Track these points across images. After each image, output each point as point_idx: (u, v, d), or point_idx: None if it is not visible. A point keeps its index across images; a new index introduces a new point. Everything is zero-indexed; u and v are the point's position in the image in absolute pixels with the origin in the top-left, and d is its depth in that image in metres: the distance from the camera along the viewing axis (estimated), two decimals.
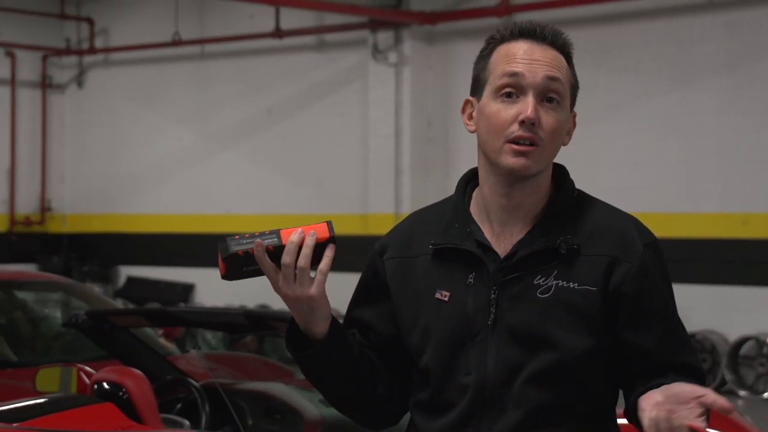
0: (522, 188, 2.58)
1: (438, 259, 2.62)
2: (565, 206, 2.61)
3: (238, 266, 2.49)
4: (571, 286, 2.53)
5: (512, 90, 2.55)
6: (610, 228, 2.58)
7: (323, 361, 2.60)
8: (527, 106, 2.52)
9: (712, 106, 12.00)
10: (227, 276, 2.51)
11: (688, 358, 2.59)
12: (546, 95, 2.55)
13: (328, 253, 2.51)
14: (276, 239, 2.49)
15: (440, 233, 2.63)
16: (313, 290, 2.51)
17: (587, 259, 2.55)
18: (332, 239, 2.51)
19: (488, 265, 2.57)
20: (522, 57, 2.56)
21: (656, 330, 2.57)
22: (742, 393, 11.67)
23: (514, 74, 2.55)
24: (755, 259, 11.82)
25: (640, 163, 12.36)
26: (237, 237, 2.48)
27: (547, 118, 2.54)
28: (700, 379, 2.57)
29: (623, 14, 12.57)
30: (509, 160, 2.54)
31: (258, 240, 2.47)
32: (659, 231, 2.73)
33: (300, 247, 2.49)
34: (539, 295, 2.53)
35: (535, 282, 2.55)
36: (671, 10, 12.33)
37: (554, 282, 2.54)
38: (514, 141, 2.53)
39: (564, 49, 2.61)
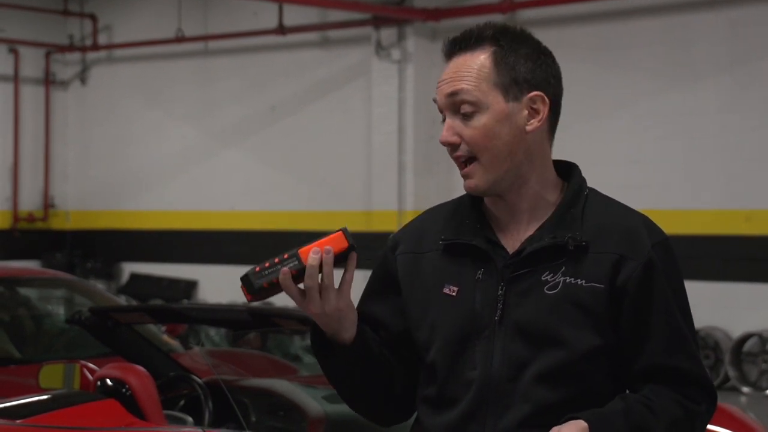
0: (507, 195, 2.61)
1: (447, 255, 2.64)
2: (575, 203, 2.61)
3: (264, 294, 2.52)
4: (579, 282, 2.54)
5: (441, 115, 2.60)
6: (618, 226, 2.59)
7: (348, 365, 2.61)
8: (443, 130, 2.58)
9: (715, 103, 12.00)
10: (254, 300, 2.54)
11: (683, 362, 2.57)
12: (458, 109, 2.56)
13: (351, 263, 2.52)
14: (297, 262, 2.50)
15: (451, 229, 2.65)
16: (341, 303, 2.53)
17: (595, 257, 2.55)
18: (351, 247, 2.52)
19: (497, 261, 2.59)
20: (439, 82, 2.61)
21: (655, 330, 2.56)
22: (745, 390, 11.67)
23: (435, 101, 2.61)
24: (758, 256, 11.82)
25: (642, 160, 12.36)
26: (258, 269, 2.50)
27: (465, 131, 2.55)
28: (695, 386, 2.57)
29: (626, 11, 12.56)
30: (464, 185, 2.60)
31: (284, 269, 2.48)
32: (662, 228, 2.72)
33: (321, 265, 2.50)
34: (547, 292, 2.54)
35: (542, 278, 2.55)
36: (674, 8, 12.32)
37: (562, 278, 2.54)
38: (457, 162, 2.59)
39: (480, 43, 2.58)
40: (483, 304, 2.58)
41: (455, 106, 2.55)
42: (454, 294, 2.60)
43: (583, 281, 2.54)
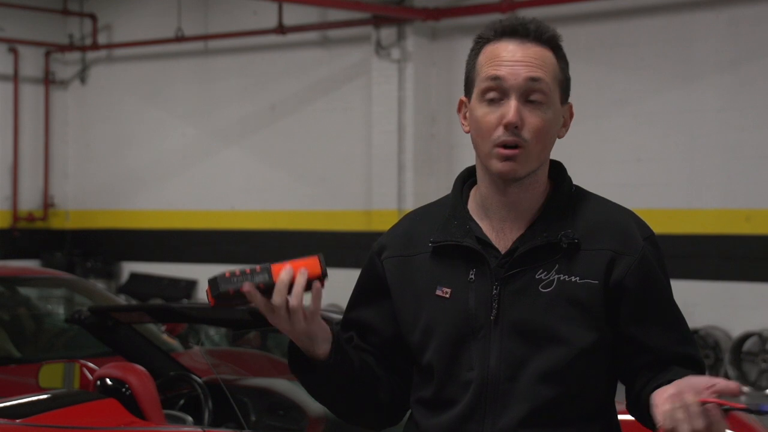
0: (518, 186, 2.59)
1: (437, 257, 2.63)
2: (564, 202, 2.62)
3: (228, 301, 2.48)
4: (573, 280, 2.55)
5: (496, 93, 2.55)
6: (609, 222, 2.60)
7: (327, 381, 2.61)
8: (509, 109, 2.53)
9: (716, 102, 12.00)
10: (217, 305, 2.50)
11: (690, 350, 2.61)
12: (529, 96, 2.54)
13: (317, 293, 2.50)
14: (267, 277, 2.46)
15: (439, 231, 2.64)
16: (309, 326, 2.52)
17: (588, 254, 2.56)
18: (323, 275, 2.50)
19: (489, 261, 2.58)
20: (505, 59, 2.55)
21: (660, 323, 2.59)
22: (745, 389, 11.66)
23: (496, 77, 2.55)
24: (758, 255, 11.82)
25: (643, 159, 12.36)
26: (228, 274, 2.46)
27: (531, 119, 2.54)
28: (701, 372, 2.59)
29: (626, 10, 12.56)
30: (497, 165, 2.55)
31: (248, 284, 2.45)
32: (662, 227, 2.74)
33: (291, 285, 2.48)
34: (542, 290, 2.55)
35: (536, 277, 2.56)
36: (674, 6, 12.32)
37: (556, 276, 2.55)
38: (501, 145, 2.54)
39: (551, 42, 2.60)
40: (477, 304, 2.57)
41: (529, 91, 2.55)
42: (447, 295, 2.60)
43: (577, 278, 2.55)
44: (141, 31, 16.51)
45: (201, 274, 15.92)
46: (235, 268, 2.47)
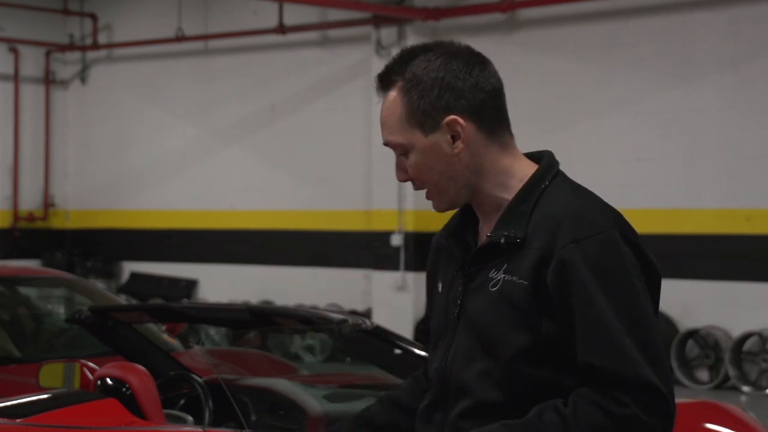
0: (471, 203, 2.68)
1: (443, 253, 2.76)
2: (527, 199, 2.60)
3: None
4: (514, 279, 2.55)
5: None
6: (549, 220, 2.55)
7: None
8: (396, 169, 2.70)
9: (716, 102, 12.00)
10: None
11: (602, 360, 2.45)
12: (396, 151, 2.68)
13: None
14: None
15: (446, 228, 2.76)
16: None
17: (528, 253, 2.55)
18: None
19: (465, 260, 2.67)
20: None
21: (576, 328, 2.48)
22: (745, 389, 11.66)
23: None
24: (758, 255, 11.82)
25: (643, 159, 12.36)
26: None
27: (409, 169, 2.66)
28: (624, 387, 2.43)
29: (626, 10, 12.57)
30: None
31: None
32: (662, 227, 2.71)
33: None
34: (490, 289, 2.58)
35: (490, 275, 2.60)
36: (674, 6, 12.32)
37: (503, 276, 2.57)
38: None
39: (392, 81, 2.64)
40: (452, 300, 2.67)
41: (393, 149, 2.67)
42: (440, 291, 2.73)
43: (516, 278, 2.55)
44: (141, 31, 16.52)
45: (201, 273, 15.94)
46: None
